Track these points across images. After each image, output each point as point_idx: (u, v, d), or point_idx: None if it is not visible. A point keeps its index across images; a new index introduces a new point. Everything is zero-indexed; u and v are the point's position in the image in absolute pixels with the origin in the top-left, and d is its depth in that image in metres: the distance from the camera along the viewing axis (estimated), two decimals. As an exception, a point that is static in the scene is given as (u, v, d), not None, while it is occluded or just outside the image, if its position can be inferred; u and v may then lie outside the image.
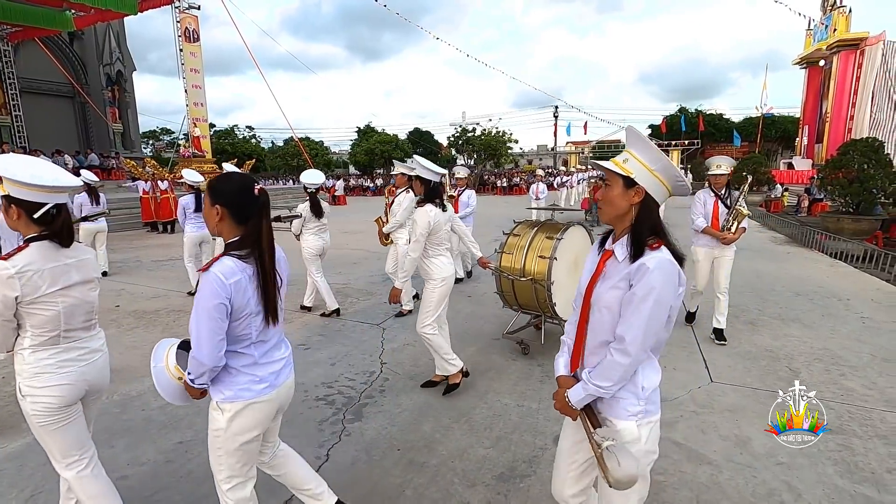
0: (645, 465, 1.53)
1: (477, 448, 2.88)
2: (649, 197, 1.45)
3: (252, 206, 1.65)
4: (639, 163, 1.45)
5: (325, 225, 5.51)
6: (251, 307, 1.64)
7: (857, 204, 10.11)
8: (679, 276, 1.43)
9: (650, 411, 1.53)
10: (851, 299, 5.90)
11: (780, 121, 40.38)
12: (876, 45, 21.50)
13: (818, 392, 3.47)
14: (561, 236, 4.06)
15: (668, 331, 1.51)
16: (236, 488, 1.79)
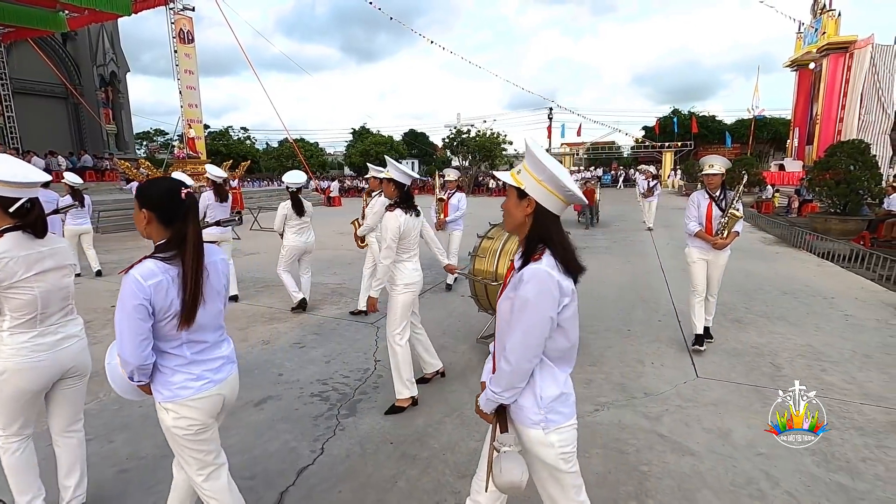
0: (564, 465, 1.57)
1: (468, 441, 2.97)
2: (541, 208, 1.47)
3: (178, 210, 1.68)
4: (529, 174, 1.46)
5: (307, 223, 5.67)
6: (176, 308, 1.65)
7: (844, 205, 10.28)
8: (559, 287, 1.43)
9: (553, 420, 1.52)
10: (836, 298, 6.04)
11: (771, 122, 40.77)
12: (864, 48, 21.80)
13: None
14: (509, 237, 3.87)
15: (568, 339, 1.53)
16: (210, 478, 1.84)
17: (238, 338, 4.86)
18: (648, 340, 4.65)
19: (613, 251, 9.66)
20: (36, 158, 18.85)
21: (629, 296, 6.27)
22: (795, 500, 2.39)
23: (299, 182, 5.52)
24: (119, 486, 2.58)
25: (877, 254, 7.69)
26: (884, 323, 5.04)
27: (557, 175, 1.41)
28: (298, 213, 5.51)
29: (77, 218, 7.47)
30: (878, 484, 2.50)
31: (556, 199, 1.46)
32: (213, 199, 6.02)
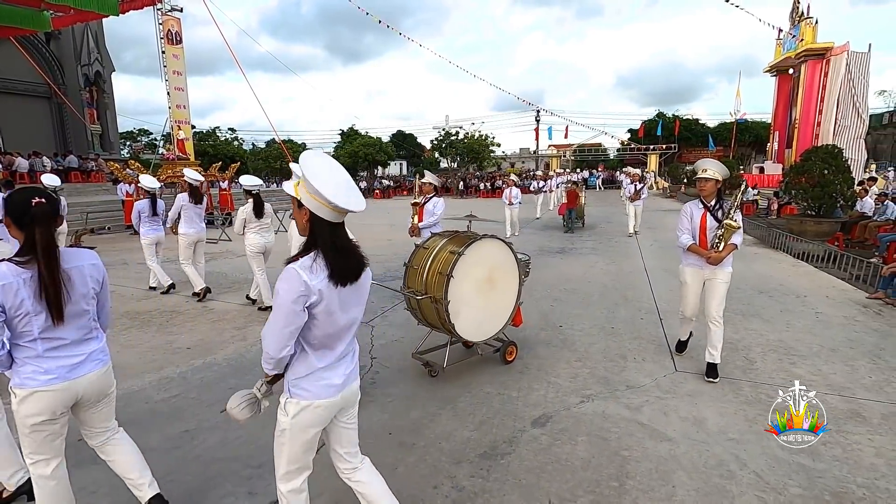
0: (288, 434, 1.85)
1: (462, 431, 3.16)
2: (315, 215, 1.67)
3: (27, 217, 1.86)
4: (303, 188, 1.67)
5: (267, 225, 5.97)
6: (27, 308, 1.83)
7: (818, 207, 10.69)
8: (306, 285, 1.64)
9: (296, 394, 1.82)
10: (808, 296, 6.35)
11: (752, 126, 41.74)
12: (840, 55, 22.52)
13: (770, 379, 3.86)
14: (463, 251, 3.60)
15: (321, 331, 1.75)
16: (38, 465, 2.04)
17: (237, 337, 5.00)
18: (631, 337, 4.89)
19: (599, 252, 9.93)
20: (20, 160, 18.62)
21: (613, 295, 6.52)
22: (761, 479, 2.63)
23: (256, 184, 5.88)
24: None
25: (848, 254, 8.06)
26: (850, 320, 5.35)
27: (319, 189, 1.60)
28: (258, 215, 5.80)
29: None
30: (835, 464, 2.75)
31: (326, 209, 1.66)
32: (188, 201, 6.36)
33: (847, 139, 21.71)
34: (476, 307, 3.79)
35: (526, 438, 3.06)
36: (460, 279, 3.63)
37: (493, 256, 3.89)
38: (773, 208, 16.07)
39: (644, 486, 2.58)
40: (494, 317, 3.98)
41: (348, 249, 1.76)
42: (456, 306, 3.64)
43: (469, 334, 3.81)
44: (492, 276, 3.87)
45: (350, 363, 1.96)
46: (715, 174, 3.69)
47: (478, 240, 3.77)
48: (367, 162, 40.71)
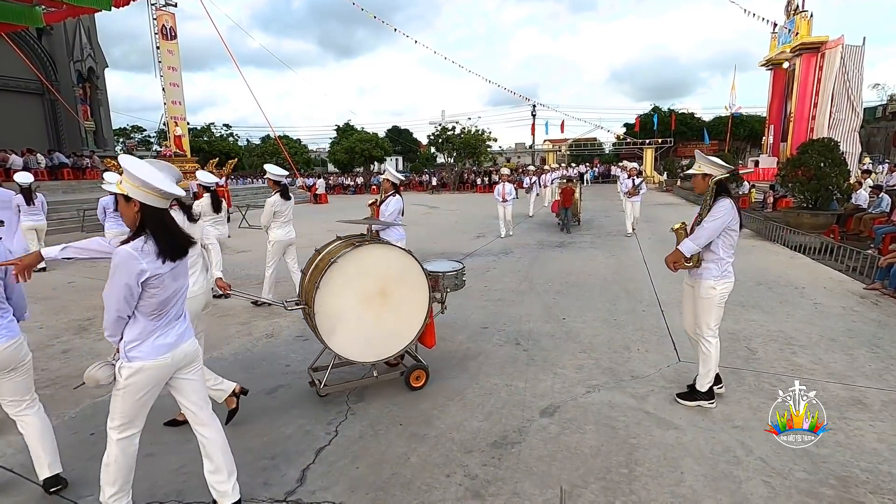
0: (123, 392, 2.09)
1: (471, 421, 3.20)
2: (145, 205, 1.96)
3: None
4: (129, 183, 1.95)
5: (222, 219, 6.34)
6: None
7: (815, 200, 10.78)
8: (139, 264, 1.93)
9: (130, 356, 2.06)
10: (807, 288, 6.43)
11: (748, 120, 41.91)
12: (835, 48, 22.60)
13: (772, 368, 3.93)
14: (335, 259, 3.23)
15: (156, 302, 2.04)
16: None
17: (242, 332, 5.02)
18: (634, 329, 4.95)
19: (598, 246, 9.99)
20: (14, 157, 18.46)
21: (614, 288, 6.58)
22: (767, 464, 2.69)
23: (213, 181, 6.23)
24: (147, 469, 2.74)
25: (845, 246, 8.15)
26: (849, 310, 5.43)
27: (147, 180, 1.91)
28: (216, 210, 6.13)
29: (31, 215, 8.05)
30: (838, 449, 2.81)
31: (154, 197, 1.97)
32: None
33: (841, 132, 21.82)
34: (362, 323, 3.34)
35: (535, 428, 3.11)
36: (337, 290, 3.24)
37: (388, 266, 3.41)
38: (769, 201, 16.17)
39: (653, 473, 2.63)
40: (391, 336, 3.47)
41: (177, 230, 2.09)
42: (331, 322, 3.25)
43: (353, 354, 3.37)
44: (385, 288, 3.39)
45: (182, 324, 2.21)
46: (701, 168, 3.34)
47: (359, 246, 3.32)
48: (363, 158, 40.61)
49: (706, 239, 3.12)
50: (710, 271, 3.20)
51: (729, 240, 3.17)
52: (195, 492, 2.54)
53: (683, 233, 3.26)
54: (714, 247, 3.17)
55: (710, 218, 3.11)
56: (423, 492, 2.51)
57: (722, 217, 3.08)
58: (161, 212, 2.02)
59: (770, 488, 2.49)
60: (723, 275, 3.19)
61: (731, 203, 3.13)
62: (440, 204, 21.95)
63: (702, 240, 3.12)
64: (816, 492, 2.46)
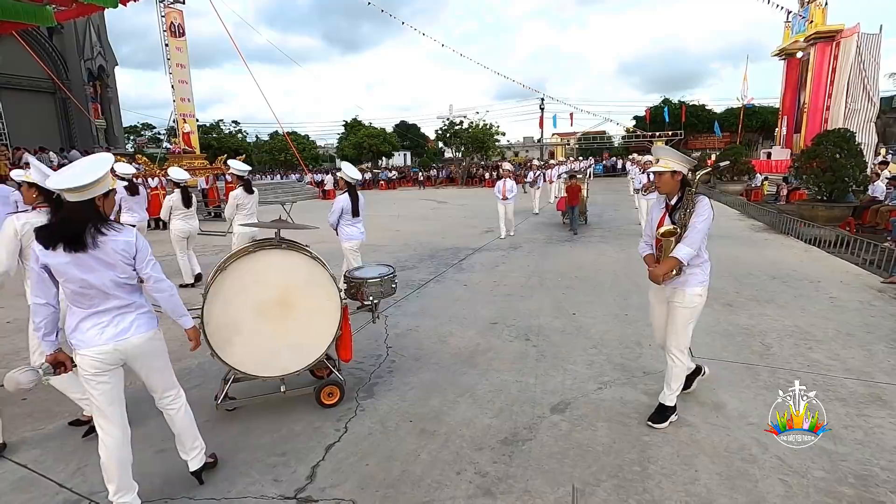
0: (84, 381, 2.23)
1: (482, 418, 3.18)
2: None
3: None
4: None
5: (192, 213, 6.78)
6: None
7: (830, 192, 10.56)
8: (36, 249, 2.08)
9: (74, 344, 2.19)
10: (822, 281, 6.31)
11: (760, 111, 41.25)
12: (850, 37, 22.11)
13: (787, 364, 3.85)
14: (225, 266, 3.04)
15: (65, 290, 2.14)
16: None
17: (252, 328, 5.02)
18: (645, 324, 4.87)
19: (608, 240, 9.90)
20: (27, 155, 18.69)
21: (625, 282, 6.51)
22: (784, 462, 2.63)
23: (185, 177, 6.74)
24: (160, 465, 2.76)
25: (861, 239, 7.98)
26: (866, 304, 5.32)
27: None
28: (186, 205, 6.65)
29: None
30: (857, 447, 2.75)
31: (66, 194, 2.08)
32: (126, 194, 6.97)
33: (857, 123, 21.40)
34: (261, 336, 3.10)
35: (546, 425, 3.08)
36: (230, 300, 3.02)
37: (290, 274, 3.15)
38: (783, 194, 15.92)
39: (667, 471, 2.59)
40: (297, 348, 3.19)
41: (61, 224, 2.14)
42: (224, 333, 3.03)
43: (251, 368, 3.13)
44: (287, 298, 3.13)
45: (119, 319, 2.23)
46: (669, 165, 2.86)
47: (254, 252, 3.09)
48: (371, 153, 40.61)
49: (700, 241, 2.81)
50: (696, 276, 2.89)
51: (706, 240, 2.94)
52: (206, 489, 2.55)
53: (675, 240, 2.83)
54: (703, 250, 2.90)
55: (699, 217, 2.79)
56: (433, 489, 2.50)
57: (708, 215, 2.81)
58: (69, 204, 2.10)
59: (787, 487, 2.44)
60: (705, 279, 2.93)
61: (709, 199, 2.87)
62: (449, 199, 21.90)
63: (697, 242, 2.79)
64: (835, 491, 2.41)
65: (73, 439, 3.05)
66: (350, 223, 5.61)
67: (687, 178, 2.89)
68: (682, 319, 2.92)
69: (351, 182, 5.46)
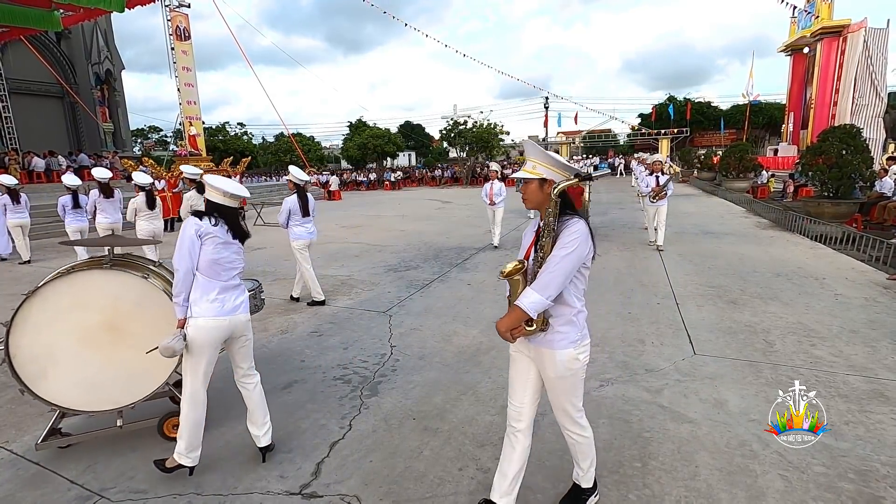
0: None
1: (484, 415, 3.21)
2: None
3: None
4: None
5: (156, 214, 7.22)
6: None
7: (836, 188, 10.50)
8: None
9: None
10: (827, 278, 6.29)
11: (766, 108, 40.95)
12: (858, 32, 21.91)
13: (790, 361, 3.86)
14: (36, 289, 2.72)
15: None
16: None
17: (258, 328, 5.08)
18: (648, 322, 4.90)
19: (612, 238, 9.89)
20: (36, 159, 18.94)
21: (628, 280, 6.52)
22: (784, 458, 2.65)
23: (148, 181, 7.13)
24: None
25: (868, 236, 7.94)
26: (871, 301, 5.30)
27: None
28: (150, 207, 7.02)
29: (16, 213, 8.97)
30: (858, 443, 2.76)
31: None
32: (100, 196, 7.57)
33: (865, 118, 21.22)
34: (86, 366, 2.78)
35: (547, 422, 3.10)
36: (43, 327, 2.72)
37: (117, 296, 2.81)
38: (789, 190, 15.83)
39: (667, 467, 2.61)
40: (132, 378, 2.85)
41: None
42: (37, 365, 2.73)
43: (75, 403, 2.81)
44: (115, 322, 2.80)
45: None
46: (536, 170, 2.02)
47: (69, 273, 2.78)
48: (375, 154, 40.72)
49: (559, 283, 1.92)
50: (565, 336, 2.04)
51: (581, 281, 2.07)
52: (212, 485, 2.60)
53: (522, 278, 2.03)
54: (566, 294, 2.01)
55: (562, 250, 1.92)
56: (435, 485, 2.54)
57: (578, 248, 1.92)
58: None
59: (787, 482, 2.46)
60: (582, 335, 2.10)
61: (585, 225, 1.98)
62: (453, 199, 21.93)
63: (552, 286, 1.91)
64: (835, 486, 2.42)
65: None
66: (299, 223, 5.77)
67: (566, 191, 2.00)
68: (563, 393, 2.15)
69: (299, 184, 5.73)
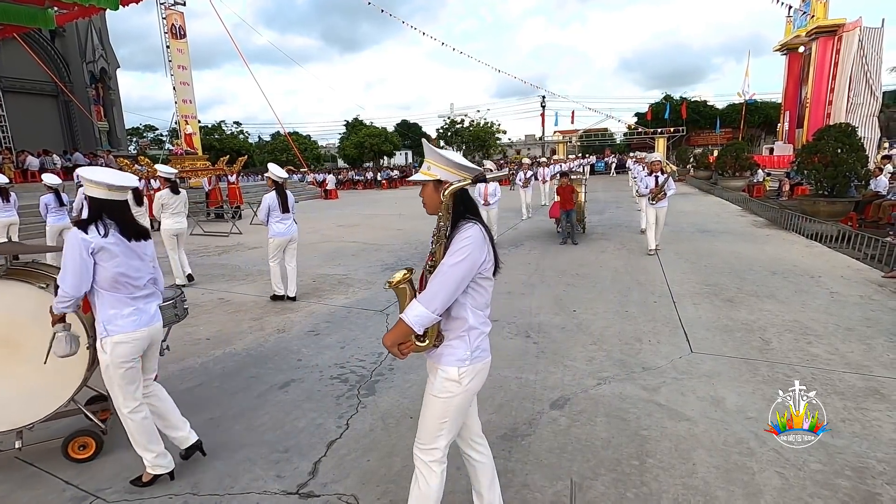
0: None
1: (481, 414, 3.17)
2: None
3: None
4: None
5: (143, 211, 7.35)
6: None
7: (831, 187, 10.55)
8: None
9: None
10: (823, 276, 6.31)
11: (762, 107, 41.09)
12: (852, 31, 21.98)
13: (787, 358, 3.87)
14: None
15: None
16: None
17: (254, 327, 5.07)
18: (646, 320, 4.91)
19: (609, 237, 9.90)
20: (31, 158, 18.82)
21: (625, 279, 6.52)
22: (781, 456, 2.65)
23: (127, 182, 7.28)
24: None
25: (863, 234, 7.98)
26: (866, 298, 5.32)
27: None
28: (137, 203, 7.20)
29: (4, 212, 8.85)
30: (854, 440, 2.77)
31: None
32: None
33: (860, 117, 21.30)
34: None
35: (545, 420, 3.11)
36: None
37: (10, 308, 2.65)
38: (785, 189, 15.89)
39: (665, 465, 2.61)
40: (32, 396, 2.69)
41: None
42: None
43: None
44: (10, 336, 2.65)
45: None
46: (430, 171, 1.84)
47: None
48: (372, 152, 40.65)
49: (446, 295, 1.73)
50: (453, 352, 1.86)
51: (480, 294, 1.87)
52: (209, 485, 2.59)
53: (410, 288, 1.86)
54: (458, 307, 1.83)
55: (452, 257, 1.73)
56: (433, 484, 2.53)
57: (469, 255, 1.73)
58: None
59: (784, 480, 2.46)
60: (473, 357, 1.88)
61: (480, 230, 1.78)
62: (450, 197, 21.84)
63: (438, 298, 1.72)
64: (831, 483, 2.43)
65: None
66: (278, 220, 5.90)
67: (464, 194, 1.84)
68: (430, 410, 1.96)
69: (278, 181, 5.87)
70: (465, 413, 1.99)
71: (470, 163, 1.85)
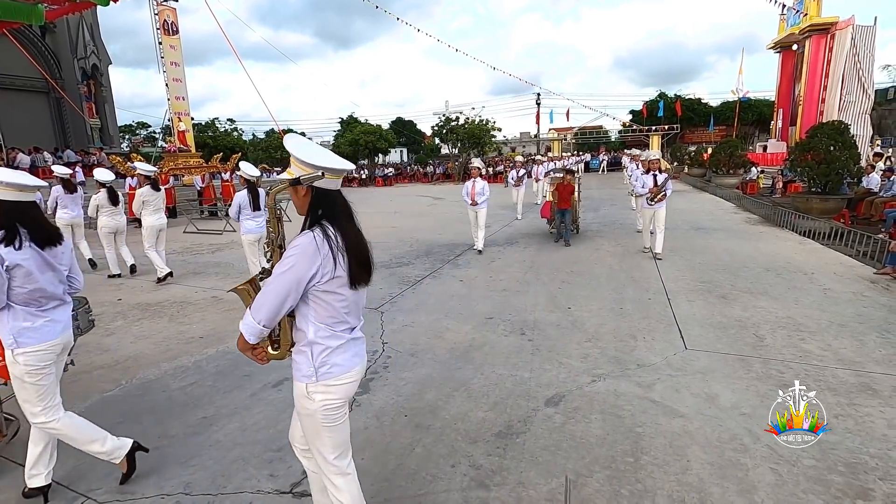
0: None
1: (476, 412, 3.20)
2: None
3: None
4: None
5: (119, 209, 7.34)
6: None
7: (824, 184, 10.62)
8: None
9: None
10: (816, 273, 6.35)
11: (756, 104, 41.22)
12: (845, 29, 22.11)
13: (780, 355, 3.89)
14: None
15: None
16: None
17: (248, 326, 5.03)
18: (640, 317, 4.92)
19: (604, 234, 9.92)
20: (21, 155, 18.61)
21: (620, 276, 6.53)
22: (774, 452, 2.66)
23: (110, 178, 7.27)
24: (155, 462, 2.77)
25: (855, 231, 8.03)
26: (859, 295, 5.36)
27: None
28: (113, 203, 7.14)
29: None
30: (847, 436, 2.78)
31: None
32: (63, 192, 7.52)
33: (852, 115, 21.44)
34: None
35: (540, 417, 3.10)
36: None
37: None
38: (779, 186, 15.97)
39: (659, 461, 2.62)
40: None
41: None
42: None
43: None
44: None
45: None
46: (290, 169, 1.74)
47: None
48: (367, 150, 40.50)
49: (272, 306, 1.64)
50: (298, 367, 1.78)
51: (323, 307, 1.71)
52: (201, 484, 2.56)
53: (253, 290, 1.87)
54: (301, 319, 1.75)
55: (279, 266, 1.67)
56: (427, 482, 2.52)
57: (294, 266, 1.62)
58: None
59: (777, 476, 2.47)
60: (319, 373, 1.73)
61: (313, 240, 1.64)
62: (445, 195, 21.86)
63: (264, 309, 1.65)
64: (825, 479, 2.44)
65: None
66: (250, 217, 6.06)
67: (321, 191, 1.73)
68: (307, 432, 1.84)
69: (250, 179, 6.06)
70: (344, 424, 1.84)
71: (331, 159, 1.67)
